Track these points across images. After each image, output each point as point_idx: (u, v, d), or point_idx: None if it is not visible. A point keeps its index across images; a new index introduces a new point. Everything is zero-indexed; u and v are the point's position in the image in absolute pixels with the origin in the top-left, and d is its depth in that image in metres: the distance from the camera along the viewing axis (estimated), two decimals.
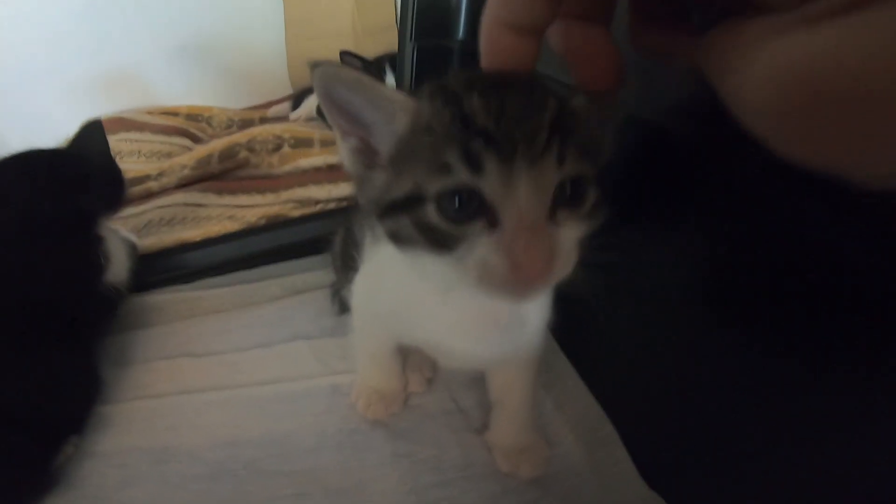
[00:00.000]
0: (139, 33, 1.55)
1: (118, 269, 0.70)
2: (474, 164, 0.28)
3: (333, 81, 0.31)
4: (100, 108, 1.47)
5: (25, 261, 0.62)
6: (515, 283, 0.29)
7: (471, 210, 0.29)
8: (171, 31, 1.59)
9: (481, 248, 0.29)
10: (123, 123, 1.30)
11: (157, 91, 1.62)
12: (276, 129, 1.16)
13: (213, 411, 0.63)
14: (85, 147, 0.73)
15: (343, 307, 0.75)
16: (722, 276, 0.44)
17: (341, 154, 0.35)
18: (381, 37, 1.54)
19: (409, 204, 0.30)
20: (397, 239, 0.33)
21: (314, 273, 0.83)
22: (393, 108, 0.31)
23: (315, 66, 0.30)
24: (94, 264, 0.67)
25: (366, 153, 0.34)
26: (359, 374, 0.63)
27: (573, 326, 0.47)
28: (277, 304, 0.78)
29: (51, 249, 0.64)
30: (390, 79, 1.10)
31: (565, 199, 0.30)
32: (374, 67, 1.14)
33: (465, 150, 0.28)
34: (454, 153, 0.28)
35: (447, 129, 0.29)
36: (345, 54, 1.10)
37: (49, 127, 1.37)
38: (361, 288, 0.53)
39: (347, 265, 0.63)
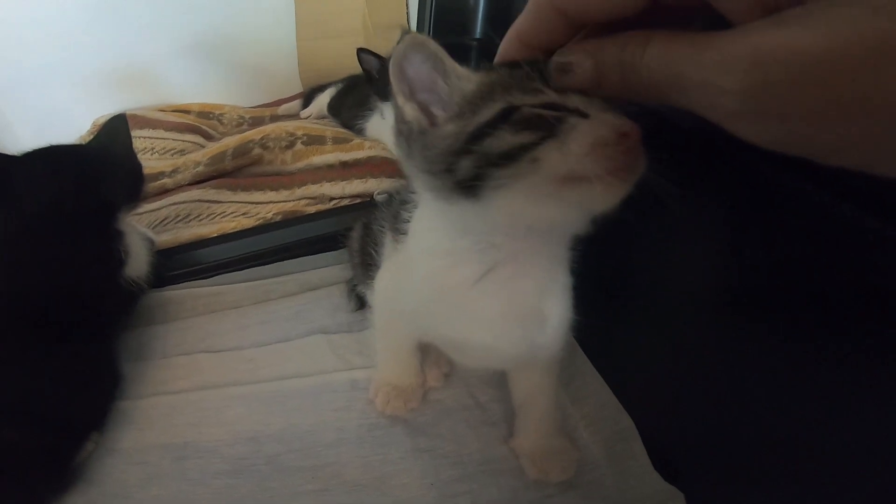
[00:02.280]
0: (151, 31, 1.55)
1: (138, 263, 0.70)
2: (560, 91, 0.32)
3: (419, 46, 0.34)
4: (112, 105, 1.47)
5: (47, 255, 0.62)
6: (626, 148, 0.31)
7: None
8: (183, 29, 1.58)
9: (585, 126, 0.31)
10: (136, 120, 1.30)
11: (168, 88, 1.62)
12: (289, 126, 1.16)
13: (234, 407, 0.63)
14: (109, 141, 0.74)
15: (359, 303, 0.75)
16: (741, 272, 0.44)
17: (405, 113, 0.37)
18: (392, 35, 1.53)
19: (503, 116, 0.33)
20: (484, 161, 0.33)
21: (330, 269, 0.83)
22: (460, 76, 0.35)
23: (405, 32, 0.36)
24: (115, 259, 0.67)
25: (424, 116, 0.37)
26: (377, 371, 0.63)
27: (591, 321, 0.47)
28: (294, 299, 0.78)
29: (72, 244, 0.64)
30: None
31: None
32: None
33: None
34: (540, 82, 0.32)
35: (528, 74, 0.33)
36: (362, 52, 1.09)
37: (62, 123, 1.40)
38: (384, 285, 0.53)
39: (366, 262, 0.63)
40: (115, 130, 0.75)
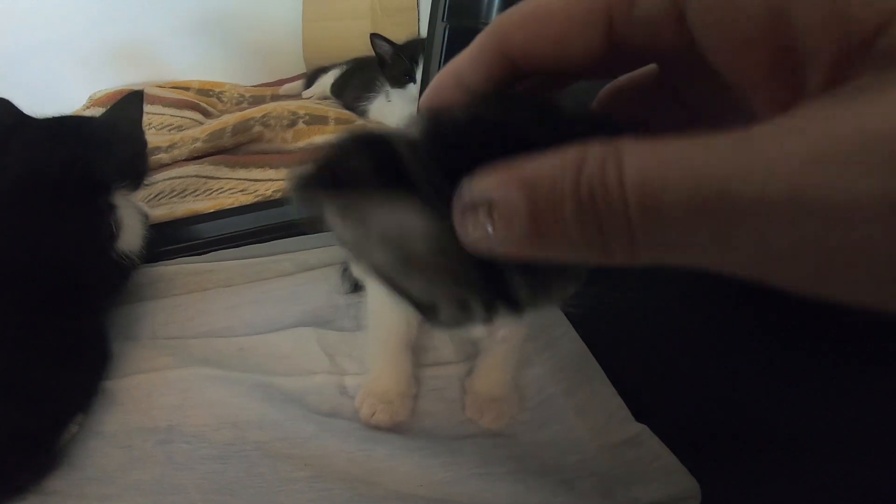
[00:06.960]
0: (153, 6, 1.52)
1: (131, 237, 0.68)
2: (492, 311, 0.23)
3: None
4: (111, 81, 1.46)
5: (32, 224, 0.60)
6: None
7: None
8: (185, 5, 1.56)
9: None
10: None
11: (168, 65, 1.59)
12: (292, 105, 1.14)
13: (216, 389, 0.60)
14: (118, 117, 0.72)
15: (354, 286, 0.73)
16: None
17: None
18: (400, 17, 1.51)
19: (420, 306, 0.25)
20: None
21: (327, 249, 0.80)
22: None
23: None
24: (105, 232, 0.65)
25: None
26: (367, 376, 0.60)
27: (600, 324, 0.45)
28: (289, 279, 0.76)
29: (60, 214, 0.62)
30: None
31: None
32: (404, 54, 1.11)
33: (487, 304, 0.22)
34: (478, 303, 0.22)
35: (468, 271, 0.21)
36: (375, 37, 1.08)
37: (60, 98, 1.36)
38: None
39: None
40: (127, 106, 0.74)
